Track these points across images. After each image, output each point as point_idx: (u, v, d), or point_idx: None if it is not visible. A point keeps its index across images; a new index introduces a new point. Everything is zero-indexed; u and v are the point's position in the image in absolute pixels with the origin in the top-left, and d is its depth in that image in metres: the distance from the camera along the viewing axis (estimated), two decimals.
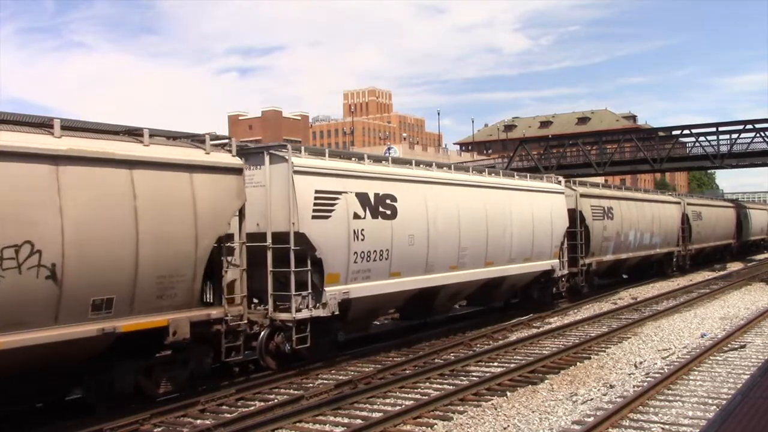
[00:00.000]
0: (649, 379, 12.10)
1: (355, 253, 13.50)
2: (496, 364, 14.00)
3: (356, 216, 13.54)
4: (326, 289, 12.96)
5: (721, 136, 41.58)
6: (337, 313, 13.11)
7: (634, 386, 11.63)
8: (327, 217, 12.97)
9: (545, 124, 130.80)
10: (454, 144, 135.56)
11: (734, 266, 40.43)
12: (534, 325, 19.09)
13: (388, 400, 11.27)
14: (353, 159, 14.71)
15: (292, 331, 12.44)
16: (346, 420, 10.21)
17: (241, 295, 11.66)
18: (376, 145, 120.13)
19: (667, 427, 9.44)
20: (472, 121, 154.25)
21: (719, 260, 41.94)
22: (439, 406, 10.60)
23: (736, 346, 14.86)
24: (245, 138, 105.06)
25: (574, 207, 23.47)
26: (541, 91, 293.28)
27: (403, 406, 10.59)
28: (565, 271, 22.03)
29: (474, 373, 13.08)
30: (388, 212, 14.41)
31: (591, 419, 9.65)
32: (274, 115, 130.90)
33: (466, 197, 17.23)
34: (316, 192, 12.84)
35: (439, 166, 17.49)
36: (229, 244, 11.61)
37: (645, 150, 44.44)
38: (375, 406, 10.89)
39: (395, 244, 14.49)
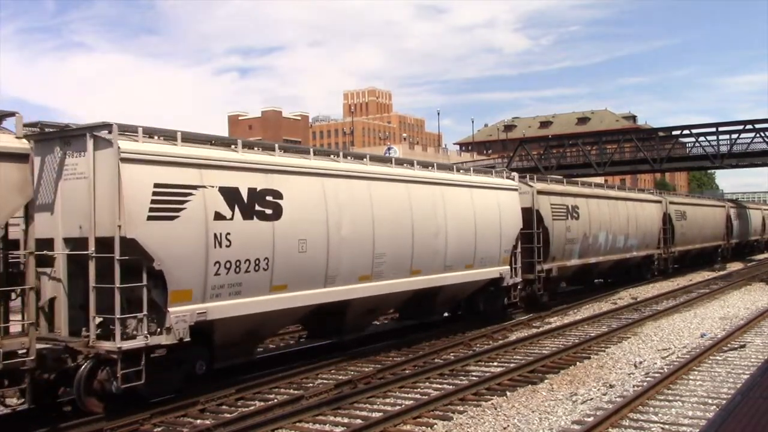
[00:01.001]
0: (648, 378, 12.10)
1: (217, 263, 10.80)
2: (495, 363, 14.00)
3: (219, 216, 10.88)
4: (171, 309, 10.24)
5: (721, 136, 41.72)
6: (187, 339, 10.42)
7: (633, 386, 11.62)
8: (172, 218, 10.33)
9: (545, 124, 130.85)
10: (454, 144, 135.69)
11: (734, 266, 40.40)
12: (534, 324, 19.08)
13: (388, 400, 11.27)
14: (233, 146, 11.94)
15: (117, 365, 9.68)
16: (346, 420, 10.21)
17: (28, 322, 9.13)
18: (376, 145, 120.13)
19: (667, 427, 9.44)
20: (472, 122, 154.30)
21: (709, 263, 39.61)
22: (439, 405, 10.60)
23: (736, 346, 14.86)
24: (246, 138, 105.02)
25: (531, 205, 20.66)
26: (541, 91, 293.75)
27: (403, 405, 10.59)
28: (518, 279, 19.22)
29: (474, 373, 13.08)
30: (269, 212, 11.71)
31: (591, 419, 9.64)
32: (274, 115, 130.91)
33: (384, 194, 14.45)
34: (156, 186, 10.19)
35: (357, 157, 14.95)
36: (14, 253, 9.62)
37: (645, 150, 44.48)
38: (375, 406, 10.89)
39: (279, 251, 11.81)
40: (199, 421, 10.21)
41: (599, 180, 47.94)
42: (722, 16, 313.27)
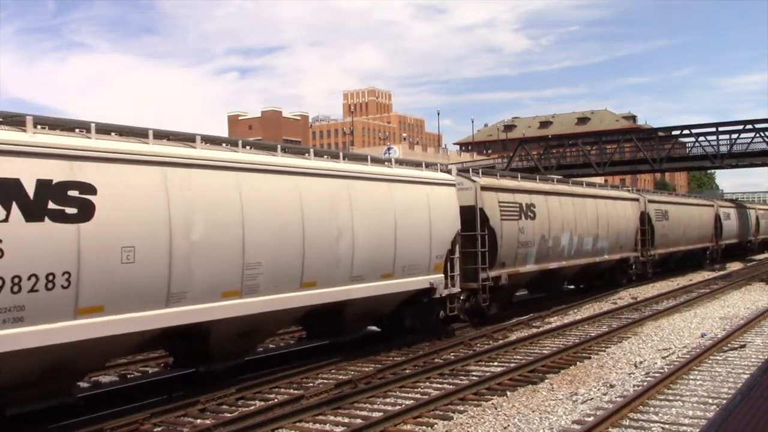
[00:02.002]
0: (649, 378, 12.09)
1: None
2: (496, 363, 13.99)
3: None
4: None
5: (720, 136, 41.81)
6: None
7: (634, 386, 11.62)
8: None
9: (545, 124, 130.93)
10: (454, 144, 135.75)
11: (734, 266, 40.40)
12: (534, 324, 19.08)
13: (388, 400, 11.26)
14: (22, 128, 8.92)
15: None
16: (346, 420, 10.20)
17: None
18: (376, 145, 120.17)
19: (667, 426, 9.43)
20: (472, 122, 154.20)
21: (696, 266, 37.43)
22: (439, 405, 10.59)
23: (736, 346, 14.86)
24: (246, 138, 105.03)
25: (474, 203, 17.77)
26: (541, 91, 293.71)
27: (404, 405, 10.58)
28: (455, 289, 16.40)
29: (474, 373, 13.07)
30: (72, 211, 8.94)
31: (591, 419, 9.64)
32: (274, 115, 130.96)
33: (261, 189, 11.65)
34: None
35: (212, 141, 11.64)
36: None
37: (645, 150, 44.51)
38: (375, 406, 10.88)
39: (88, 262, 9.04)
40: (199, 421, 10.20)
41: (600, 180, 48.05)
42: (722, 16, 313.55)
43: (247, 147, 12.25)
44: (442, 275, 15.93)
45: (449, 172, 17.04)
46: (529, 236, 19.90)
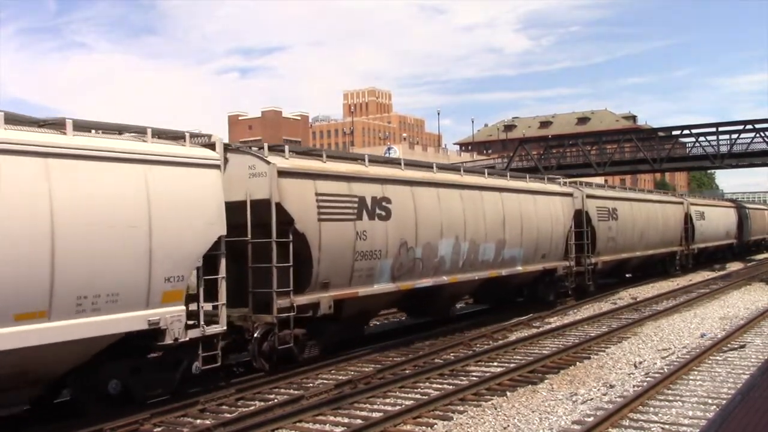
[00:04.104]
0: (648, 378, 12.09)
1: None
2: (495, 363, 13.99)
3: None
4: None
5: (721, 136, 41.75)
6: None
7: (633, 386, 11.62)
8: None
9: (545, 124, 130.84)
10: (454, 144, 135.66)
11: (734, 266, 40.38)
12: (534, 325, 19.07)
13: (388, 400, 11.26)
14: None
15: None
16: (346, 420, 10.21)
17: None
18: (376, 145, 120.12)
19: (667, 427, 9.43)
20: (472, 122, 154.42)
21: (661, 274, 32.60)
22: (439, 405, 10.59)
23: (736, 346, 14.85)
24: (245, 138, 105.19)
25: (268, 197, 12.32)
26: (541, 91, 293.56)
27: (403, 405, 10.58)
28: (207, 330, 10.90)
29: (474, 373, 13.07)
30: None
31: (591, 419, 9.64)
32: (274, 115, 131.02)
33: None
34: None
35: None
36: None
37: (645, 150, 44.50)
38: (375, 406, 10.88)
39: None
40: (199, 421, 10.21)
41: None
42: (722, 16, 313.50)
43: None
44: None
45: (212, 147, 11.45)
46: (377, 244, 14.22)
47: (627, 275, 30.75)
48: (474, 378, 12.44)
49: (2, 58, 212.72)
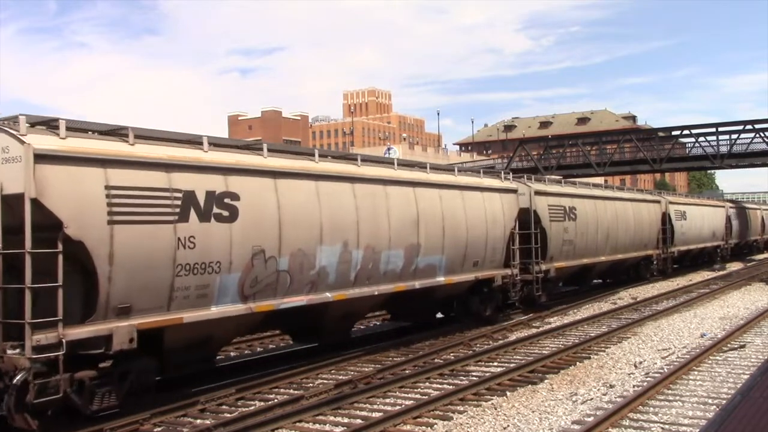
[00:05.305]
0: (648, 378, 12.09)
1: None
2: (495, 363, 13.99)
3: None
4: None
5: (720, 137, 41.76)
6: None
7: (633, 386, 11.62)
8: None
9: (545, 124, 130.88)
10: (454, 144, 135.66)
11: (734, 266, 40.37)
12: (534, 325, 19.07)
13: (388, 400, 11.26)
14: None
15: None
16: (346, 420, 10.21)
17: None
18: (376, 145, 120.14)
19: (667, 427, 9.43)
20: (472, 122, 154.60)
21: (635, 280, 29.79)
22: (439, 405, 10.59)
23: (736, 346, 14.86)
24: (245, 138, 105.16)
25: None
26: (541, 92, 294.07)
27: (403, 405, 10.58)
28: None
29: (474, 373, 13.07)
30: None
31: (591, 419, 9.64)
32: (274, 115, 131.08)
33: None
34: None
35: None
36: None
37: (645, 150, 44.50)
38: (375, 406, 10.88)
39: None
40: (199, 421, 10.20)
41: (599, 180, 47.98)
42: (722, 16, 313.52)
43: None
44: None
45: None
46: (213, 253, 10.79)
47: (595, 281, 27.86)
48: (474, 378, 12.44)
49: (2, 59, 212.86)
